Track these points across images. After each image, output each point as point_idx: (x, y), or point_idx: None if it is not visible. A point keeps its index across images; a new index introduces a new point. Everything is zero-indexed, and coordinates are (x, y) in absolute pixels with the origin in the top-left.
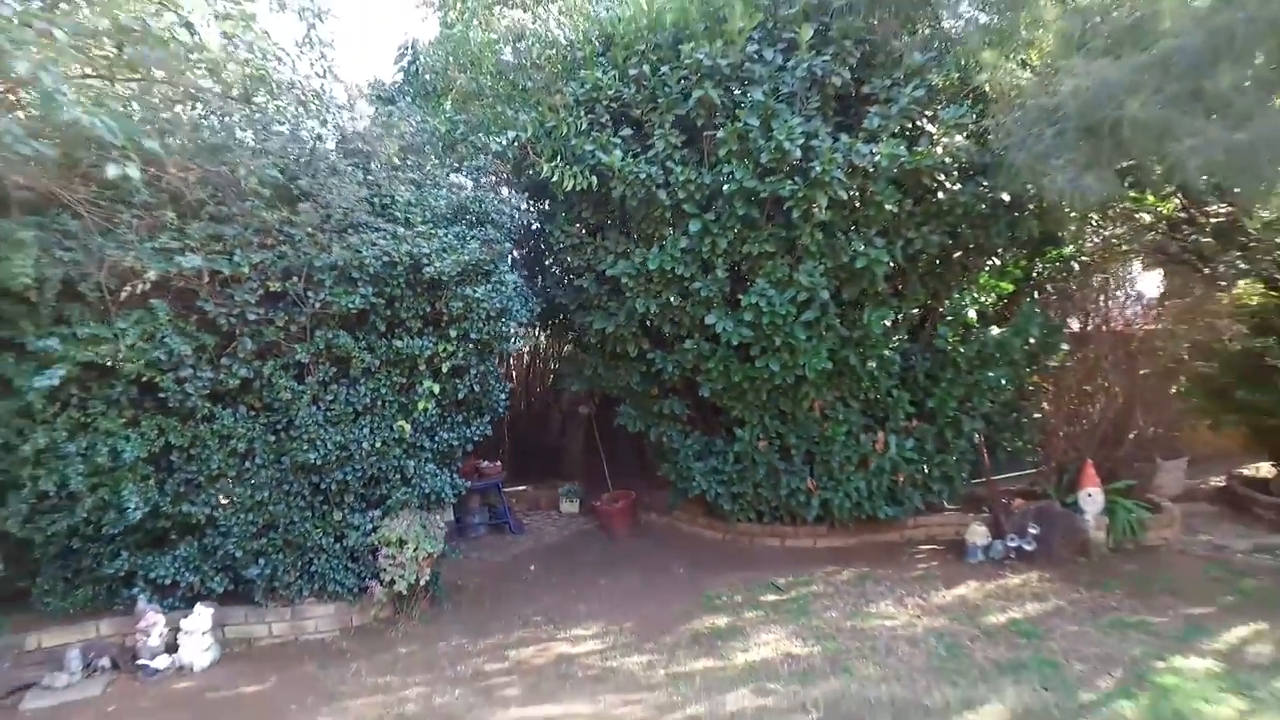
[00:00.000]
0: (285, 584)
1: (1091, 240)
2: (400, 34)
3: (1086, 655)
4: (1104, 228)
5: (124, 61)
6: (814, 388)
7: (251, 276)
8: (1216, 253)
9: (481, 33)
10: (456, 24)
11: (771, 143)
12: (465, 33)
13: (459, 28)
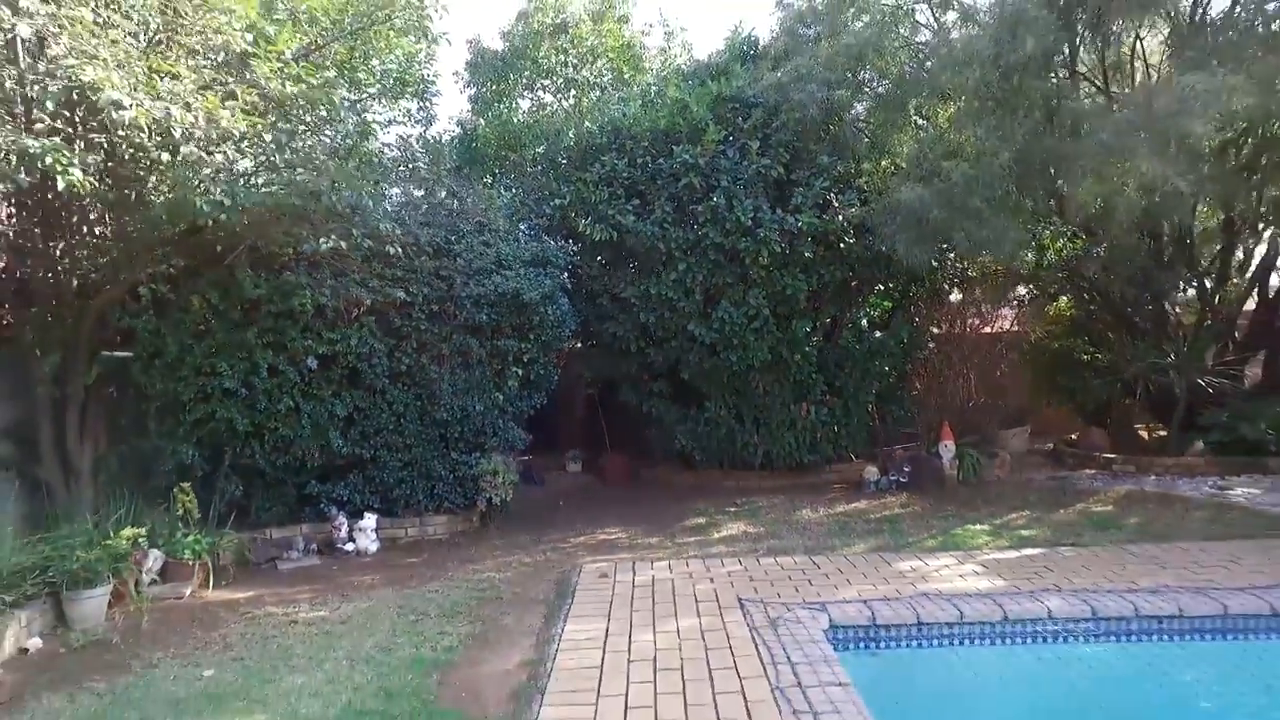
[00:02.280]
0: (417, 501)
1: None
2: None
3: (920, 528)
4: (959, 265)
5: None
6: (759, 373)
7: (421, 303)
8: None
9: (518, 118)
10: (494, 103)
11: (733, 215)
12: (510, 116)
13: (500, 108)
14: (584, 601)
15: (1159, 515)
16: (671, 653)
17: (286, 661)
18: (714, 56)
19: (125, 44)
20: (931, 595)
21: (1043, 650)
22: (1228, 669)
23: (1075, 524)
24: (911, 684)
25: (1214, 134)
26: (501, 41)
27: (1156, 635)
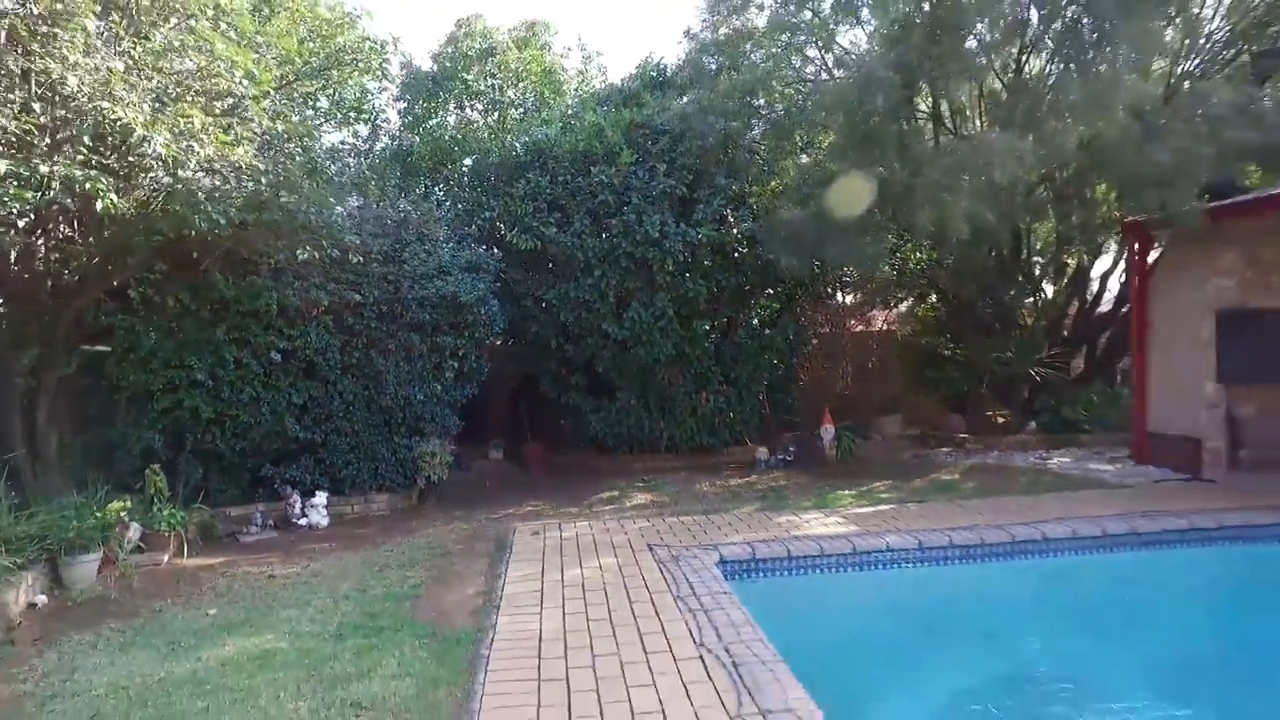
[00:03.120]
0: (362, 480)
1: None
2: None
3: (800, 495)
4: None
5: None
6: (664, 367)
7: (372, 304)
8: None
9: (448, 134)
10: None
11: (643, 228)
12: (442, 133)
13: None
14: (521, 551)
15: (992, 480)
16: (595, 580)
17: (277, 602)
18: (627, 81)
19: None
20: (800, 538)
21: (881, 572)
22: (1014, 577)
23: (924, 488)
24: (782, 598)
25: (1020, 177)
26: (432, 63)
27: (964, 559)
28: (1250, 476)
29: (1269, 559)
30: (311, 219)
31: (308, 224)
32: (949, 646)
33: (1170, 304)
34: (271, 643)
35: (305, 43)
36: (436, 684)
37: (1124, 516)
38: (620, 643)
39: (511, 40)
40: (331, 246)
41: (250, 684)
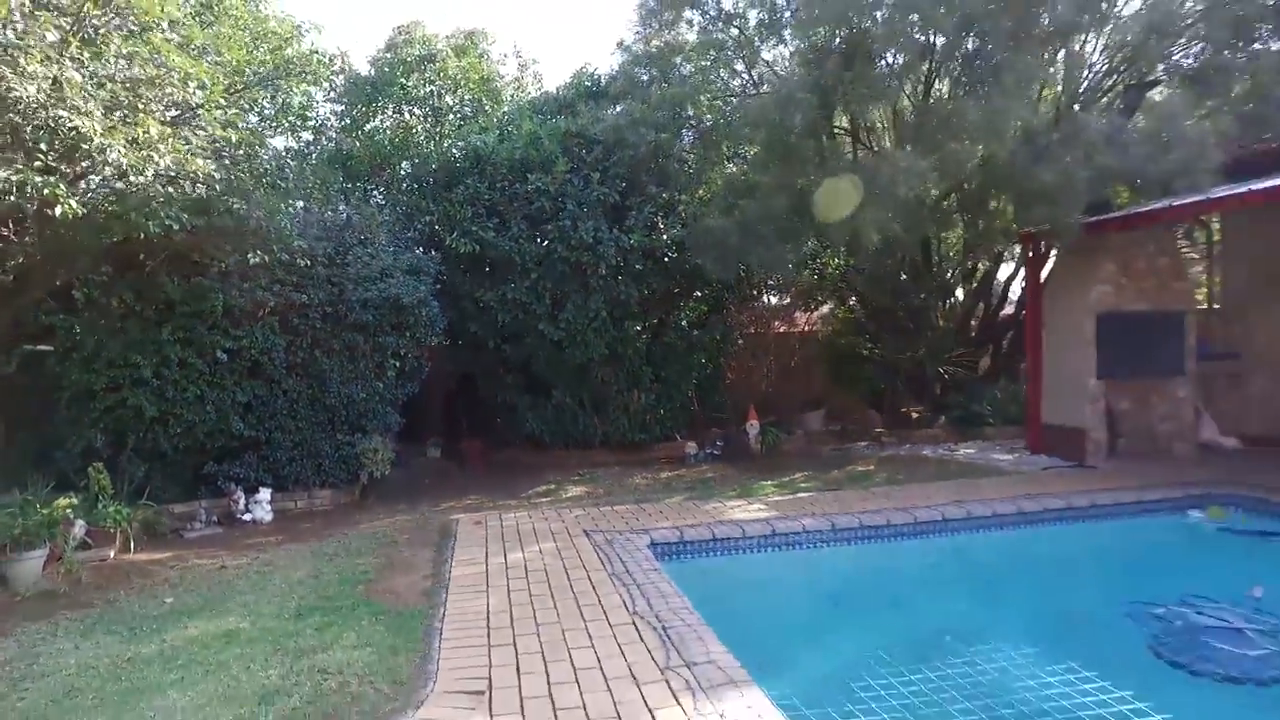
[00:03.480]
0: (306, 477)
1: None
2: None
3: (726, 485)
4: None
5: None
6: (598, 366)
7: (316, 305)
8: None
9: (387, 139)
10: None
11: (578, 233)
12: (382, 138)
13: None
14: (465, 539)
15: (903, 470)
16: (537, 562)
17: (233, 589)
18: (562, 90)
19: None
20: (724, 523)
21: (798, 551)
22: (916, 553)
23: (841, 479)
24: (707, 575)
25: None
26: (370, 67)
27: (872, 539)
28: (1125, 462)
29: (1128, 530)
30: (262, 225)
31: (258, 229)
32: (856, 612)
33: (1060, 308)
34: (233, 624)
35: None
36: (395, 651)
37: (1013, 499)
38: (561, 613)
39: (450, 48)
40: (281, 251)
41: (219, 658)
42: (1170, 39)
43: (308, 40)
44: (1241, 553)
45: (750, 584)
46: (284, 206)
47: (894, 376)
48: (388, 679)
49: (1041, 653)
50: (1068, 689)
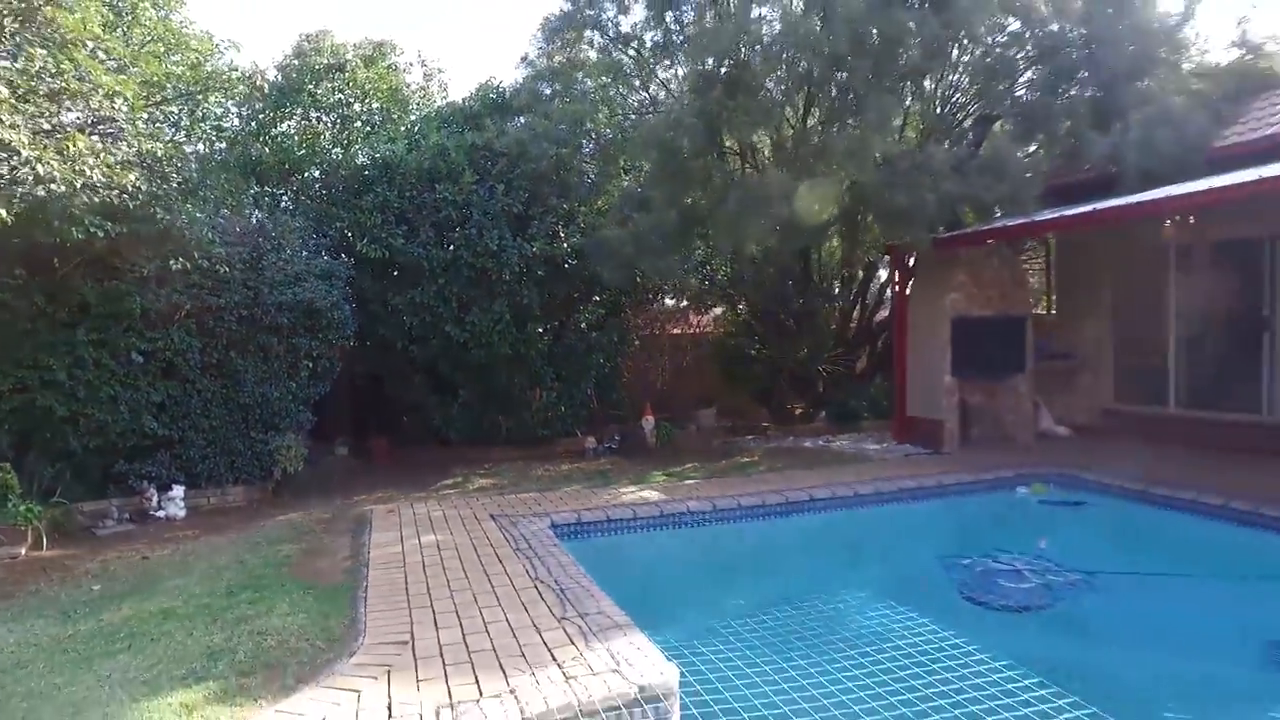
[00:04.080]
0: (219, 474)
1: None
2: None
3: (622, 476)
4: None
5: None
6: (502, 366)
7: (232, 308)
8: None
9: (296, 144)
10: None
11: (484, 241)
12: (291, 145)
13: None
14: (380, 525)
15: (782, 459)
16: (448, 542)
17: (159, 576)
18: (468, 101)
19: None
20: (618, 506)
21: (683, 529)
22: (786, 528)
23: (727, 468)
24: (601, 550)
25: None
26: (277, 73)
27: (749, 517)
28: (975, 449)
29: (966, 503)
30: (184, 233)
31: (180, 237)
32: (734, 578)
33: (921, 313)
34: (167, 603)
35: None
36: (326, 616)
37: (872, 481)
38: (472, 581)
39: (359, 58)
40: (202, 257)
41: (161, 629)
42: (1007, 80)
43: (226, 58)
44: (1052, 518)
45: (639, 557)
46: (205, 216)
47: (779, 375)
48: (322, 637)
49: (871, 596)
50: (887, 620)
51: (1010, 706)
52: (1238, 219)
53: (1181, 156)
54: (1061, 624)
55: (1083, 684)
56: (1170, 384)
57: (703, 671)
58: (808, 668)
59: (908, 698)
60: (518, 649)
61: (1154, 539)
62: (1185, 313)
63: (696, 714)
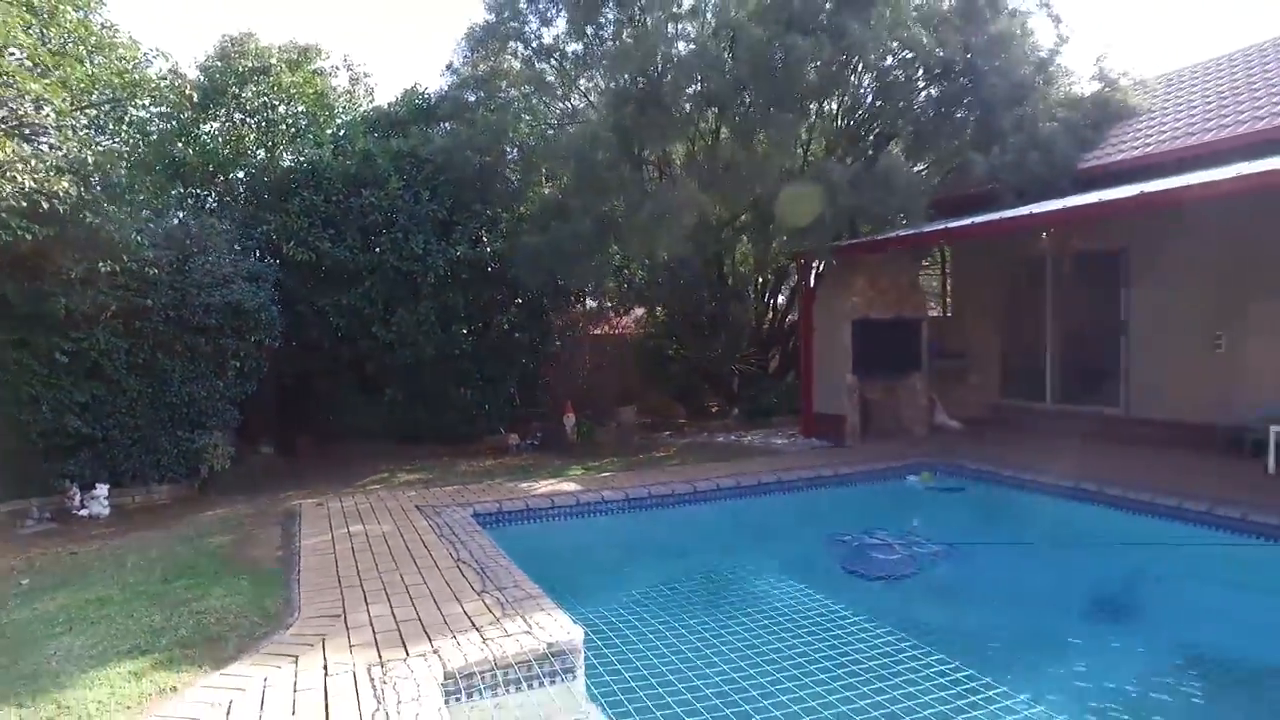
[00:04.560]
0: (145, 472)
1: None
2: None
3: (543, 470)
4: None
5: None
6: (427, 366)
7: (159, 309)
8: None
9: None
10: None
11: (409, 245)
12: (217, 147)
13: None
14: (310, 517)
15: (696, 453)
16: (376, 531)
17: (91, 569)
18: (394, 106)
19: None
20: (537, 496)
21: (597, 517)
22: (694, 513)
23: (642, 462)
24: (521, 536)
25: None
26: (200, 73)
27: (659, 505)
28: (875, 442)
29: (860, 490)
30: (114, 236)
31: (109, 240)
32: (642, 558)
33: (826, 315)
34: (102, 592)
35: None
36: (262, 597)
37: (774, 471)
38: (399, 564)
39: (284, 62)
40: (131, 260)
41: (100, 614)
42: (901, 102)
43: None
44: (934, 502)
45: (556, 541)
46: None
47: (696, 374)
48: (259, 614)
49: (764, 571)
50: (772, 589)
51: (880, 660)
52: (1098, 233)
53: (1050, 177)
54: (924, 589)
55: (940, 638)
56: (1047, 382)
57: (609, 635)
58: (703, 631)
59: (790, 655)
60: (441, 619)
61: (1015, 516)
62: (1059, 317)
63: (600, 669)
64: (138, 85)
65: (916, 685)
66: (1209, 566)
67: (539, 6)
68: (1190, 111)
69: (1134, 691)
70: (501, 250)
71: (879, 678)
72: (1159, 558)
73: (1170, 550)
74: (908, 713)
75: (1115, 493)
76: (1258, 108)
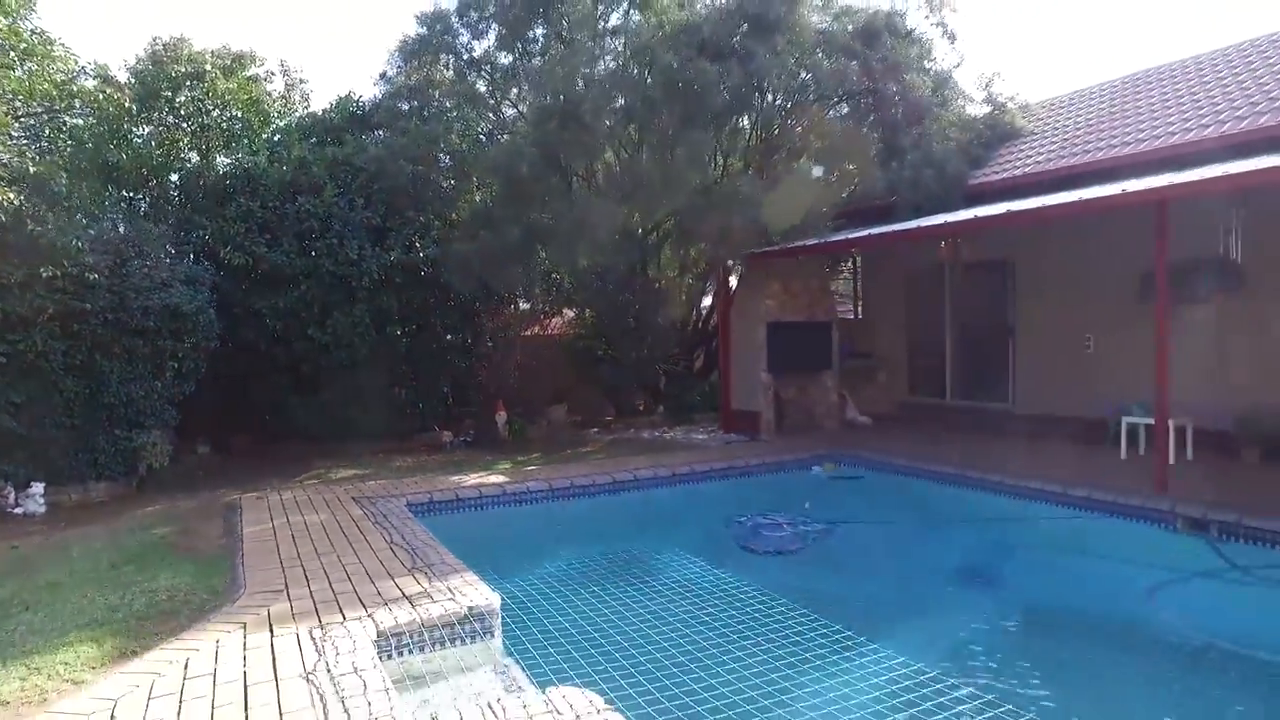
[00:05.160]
0: (82, 471)
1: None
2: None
3: (474, 465)
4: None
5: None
6: (363, 366)
7: (98, 312)
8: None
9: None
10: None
11: (344, 250)
12: (149, 152)
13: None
14: (250, 509)
15: (621, 448)
16: (315, 520)
17: (36, 561)
18: (329, 113)
19: None
20: (467, 487)
21: (523, 506)
22: (614, 501)
23: (570, 456)
24: (451, 523)
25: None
26: (130, 76)
27: (582, 494)
28: (788, 436)
29: (768, 479)
30: (55, 243)
31: (50, 247)
32: (561, 539)
33: (742, 318)
34: (53, 578)
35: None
36: (209, 576)
37: (689, 463)
38: (336, 547)
39: (218, 69)
40: (71, 265)
41: (53, 595)
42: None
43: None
44: (833, 488)
45: (483, 527)
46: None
47: (624, 373)
48: (207, 592)
49: (670, 548)
50: (676, 565)
51: (769, 623)
52: (986, 245)
53: (942, 193)
54: (808, 562)
55: (822, 603)
56: (947, 380)
57: (528, 605)
58: (612, 601)
59: (690, 621)
60: (375, 591)
61: (902, 499)
62: (957, 321)
63: (519, 632)
64: (75, 96)
65: (800, 644)
66: (1059, 538)
67: (470, 20)
68: (1063, 135)
69: (985, 641)
70: (434, 256)
71: (767, 639)
72: (1019, 532)
73: (1029, 525)
74: (791, 665)
75: (992, 478)
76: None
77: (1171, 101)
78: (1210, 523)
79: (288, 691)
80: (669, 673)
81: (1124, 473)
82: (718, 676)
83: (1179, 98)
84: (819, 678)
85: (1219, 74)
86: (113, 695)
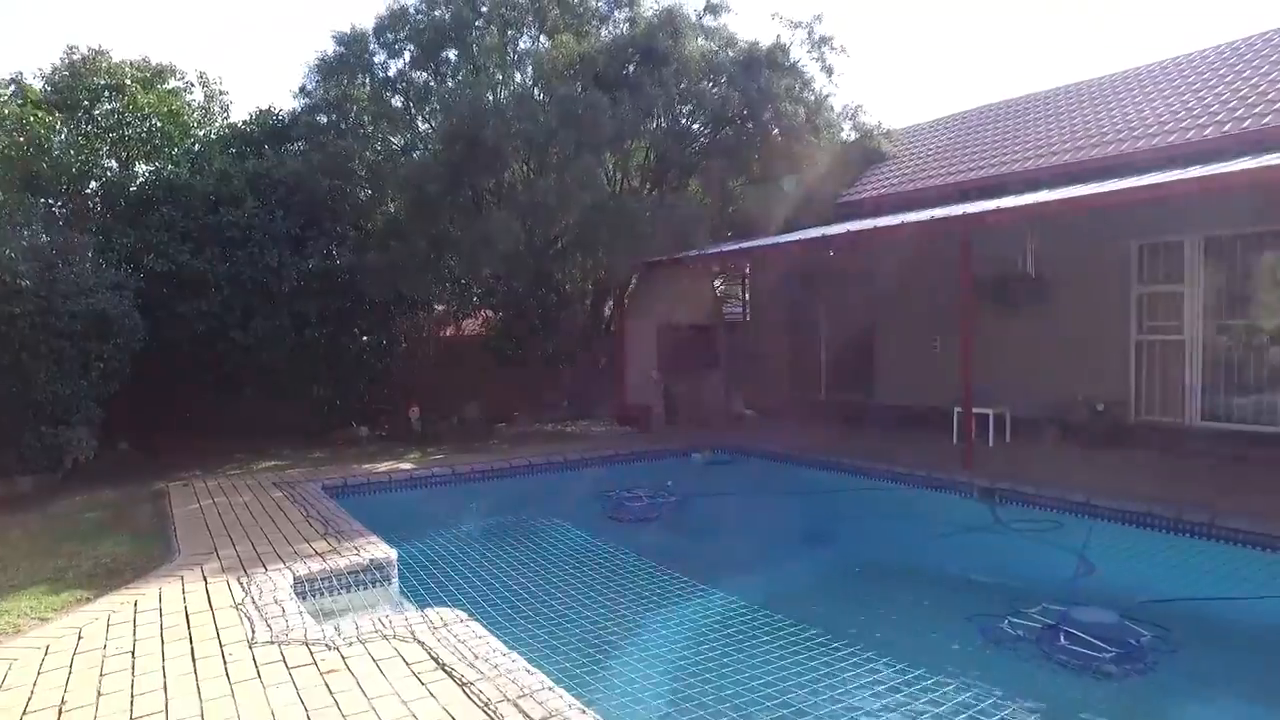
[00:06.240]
0: (8, 466)
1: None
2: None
3: (386, 454)
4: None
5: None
6: (283, 367)
7: (25, 316)
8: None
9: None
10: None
11: (265, 259)
12: (69, 160)
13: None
14: (178, 495)
15: (524, 440)
16: (240, 502)
17: None
18: (248, 124)
19: None
20: (377, 473)
21: (431, 491)
22: (511, 485)
23: (478, 448)
24: (362, 503)
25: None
26: (45, 84)
27: (483, 479)
28: (675, 429)
29: (649, 465)
30: None
31: None
32: (459, 515)
33: (638, 320)
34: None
35: None
36: (146, 547)
37: (580, 451)
38: (259, 521)
39: (138, 81)
40: (1, 272)
41: (4, 565)
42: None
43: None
44: (705, 471)
45: (390, 506)
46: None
47: (531, 373)
48: (146, 558)
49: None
50: (555, 531)
51: (629, 575)
52: (853, 257)
53: (816, 209)
54: (664, 527)
55: (673, 560)
56: (822, 376)
57: (424, 563)
58: (498, 561)
59: (564, 574)
60: (292, 550)
61: (762, 480)
62: (830, 324)
63: (415, 582)
64: (3, 119)
65: (654, 592)
66: (886, 506)
67: (386, 41)
68: (916, 161)
69: (814, 588)
70: (350, 264)
71: (627, 588)
72: (854, 502)
73: (859, 495)
74: (647, 609)
75: (842, 460)
76: (952, 164)
77: (1008, 136)
78: (994, 490)
79: (222, 616)
80: (535, 606)
81: (952, 454)
82: (574, 609)
83: (1016, 132)
84: (662, 615)
85: (1042, 113)
86: (78, 625)
